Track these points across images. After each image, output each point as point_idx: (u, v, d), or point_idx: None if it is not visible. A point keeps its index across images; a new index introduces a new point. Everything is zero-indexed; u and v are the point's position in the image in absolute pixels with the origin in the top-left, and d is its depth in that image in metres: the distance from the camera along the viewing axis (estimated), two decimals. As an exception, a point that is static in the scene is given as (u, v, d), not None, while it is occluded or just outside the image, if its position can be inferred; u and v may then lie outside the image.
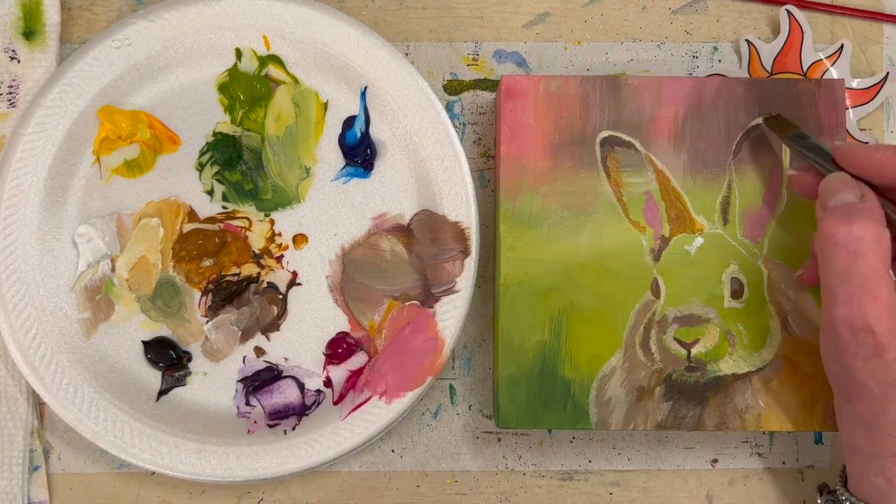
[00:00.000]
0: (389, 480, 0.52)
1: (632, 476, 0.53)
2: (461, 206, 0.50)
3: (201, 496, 0.52)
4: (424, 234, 0.51)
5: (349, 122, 0.52)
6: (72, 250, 0.51)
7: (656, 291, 0.48)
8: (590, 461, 0.53)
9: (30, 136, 0.50)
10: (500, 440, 0.53)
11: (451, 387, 0.53)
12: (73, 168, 0.51)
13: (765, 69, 0.53)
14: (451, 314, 0.50)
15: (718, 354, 0.48)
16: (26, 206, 0.50)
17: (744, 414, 0.48)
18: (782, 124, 0.48)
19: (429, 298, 0.50)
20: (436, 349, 0.50)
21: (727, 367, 0.48)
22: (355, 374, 0.51)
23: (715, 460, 0.53)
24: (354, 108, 0.52)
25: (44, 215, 0.50)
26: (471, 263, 0.50)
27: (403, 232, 0.51)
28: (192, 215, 0.52)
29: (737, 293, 0.48)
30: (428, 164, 0.51)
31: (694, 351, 0.48)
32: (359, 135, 0.52)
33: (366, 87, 0.52)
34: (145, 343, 0.51)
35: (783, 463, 0.53)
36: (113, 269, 0.51)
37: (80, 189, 0.52)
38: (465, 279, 0.50)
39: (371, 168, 0.52)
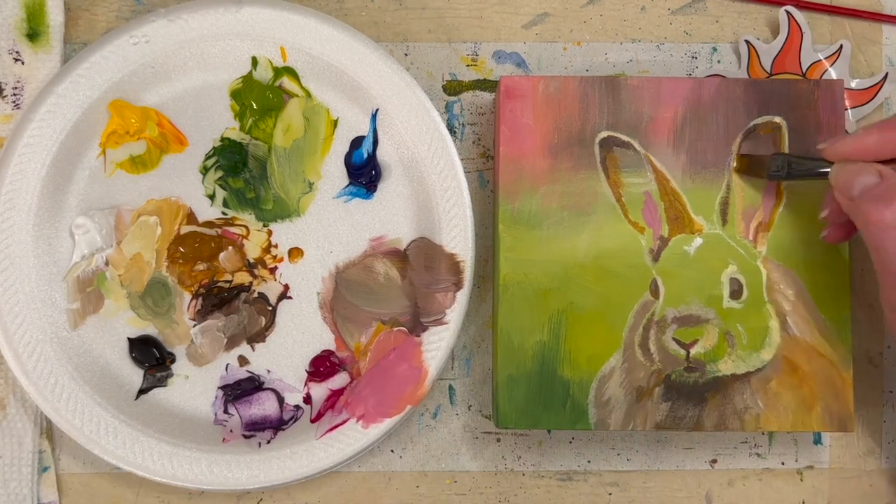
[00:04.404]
0: (389, 480, 0.52)
1: (631, 476, 0.53)
2: (459, 238, 0.50)
3: (201, 497, 0.52)
4: (420, 262, 0.51)
5: (357, 142, 0.52)
6: (68, 240, 0.51)
7: (655, 292, 0.48)
8: (589, 461, 0.53)
9: (38, 122, 0.50)
10: (499, 440, 0.53)
11: (450, 387, 0.53)
12: (78, 158, 0.51)
13: (764, 70, 0.53)
14: (437, 346, 0.50)
15: (717, 355, 0.48)
16: (26, 191, 0.50)
17: (743, 414, 0.48)
18: (755, 163, 0.48)
19: (417, 326, 0.50)
20: (418, 379, 0.50)
21: (726, 367, 0.48)
22: (336, 394, 0.51)
23: (714, 460, 0.53)
24: (364, 129, 0.52)
25: (43, 202, 0.50)
26: (462, 297, 0.50)
27: (399, 257, 0.51)
28: (190, 217, 0.52)
29: (736, 293, 0.48)
30: (431, 193, 0.51)
31: (693, 351, 0.48)
32: (365, 155, 0.52)
33: (377, 110, 0.52)
34: (131, 340, 0.51)
35: (782, 463, 0.53)
36: (107, 263, 0.51)
37: (82, 180, 0.52)
38: (456, 312, 0.50)
39: (374, 190, 0.52)
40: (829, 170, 0.44)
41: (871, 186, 0.42)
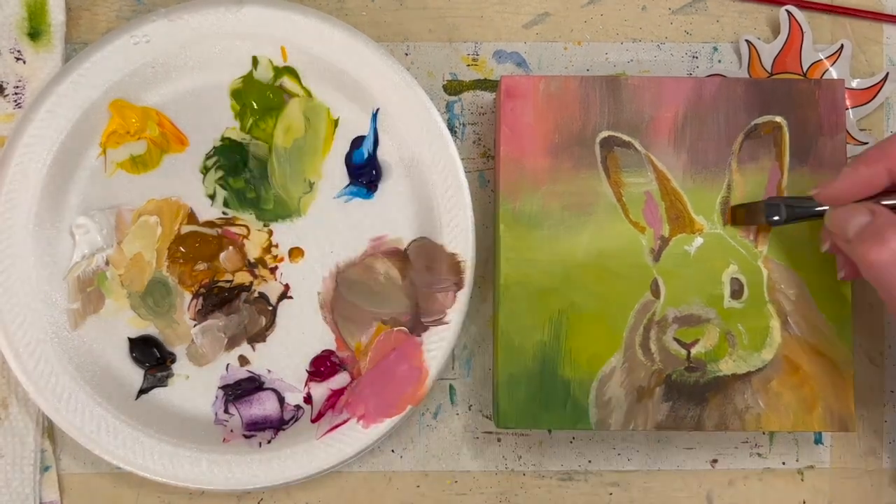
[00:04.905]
0: (389, 480, 0.52)
1: (632, 476, 0.53)
2: (460, 238, 0.50)
3: (201, 497, 0.52)
4: (420, 262, 0.51)
5: (357, 142, 0.52)
6: (68, 240, 0.51)
7: (656, 292, 0.48)
8: (590, 461, 0.52)
9: (39, 121, 0.50)
10: (499, 440, 0.53)
11: (451, 387, 0.53)
12: (79, 158, 0.51)
13: (765, 69, 0.53)
14: (437, 345, 0.50)
15: (718, 355, 0.48)
16: (27, 191, 0.50)
17: (743, 414, 0.47)
18: (751, 213, 0.48)
19: (417, 326, 0.50)
20: (419, 378, 0.50)
21: (727, 367, 0.48)
22: (336, 394, 0.51)
23: (715, 460, 0.53)
24: (364, 128, 0.52)
25: (43, 202, 0.50)
26: (463, 297, 0.50)
27: (399, 257, 0.51)
28: (191, 217, 0.52)
29: (736, 293, 0.48)
30: (432, 193, 0.51)
31: (694, 351, 0.48)
32: (366, 155, 0.52)
33: (378, 109, 0.52)
34: (131, 340, 0.51)
35: (783, 463, 0.53)
36: (107, 263, 0.51)
37: (83, 180, 0.51)
38: (456, 312, 0.50)
39: (375, 189, 0.52)
40: (825, 208, 0.45)
41: (864, 226, 0.42)
